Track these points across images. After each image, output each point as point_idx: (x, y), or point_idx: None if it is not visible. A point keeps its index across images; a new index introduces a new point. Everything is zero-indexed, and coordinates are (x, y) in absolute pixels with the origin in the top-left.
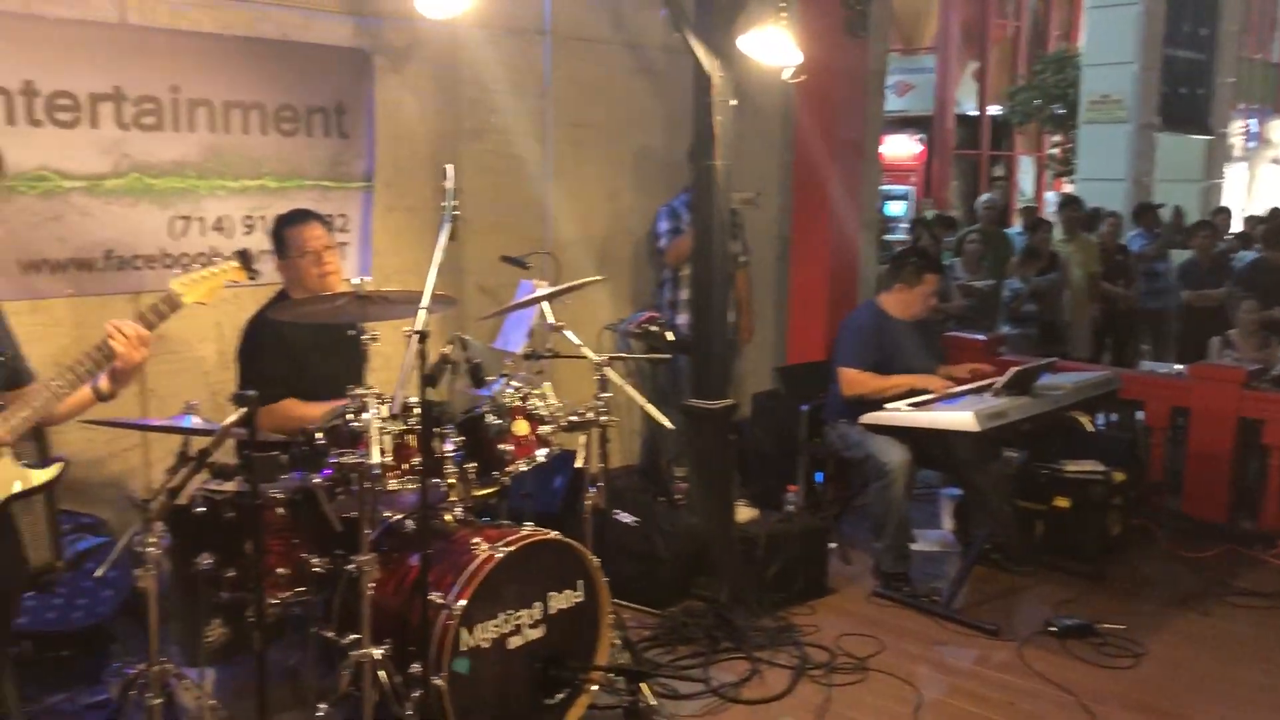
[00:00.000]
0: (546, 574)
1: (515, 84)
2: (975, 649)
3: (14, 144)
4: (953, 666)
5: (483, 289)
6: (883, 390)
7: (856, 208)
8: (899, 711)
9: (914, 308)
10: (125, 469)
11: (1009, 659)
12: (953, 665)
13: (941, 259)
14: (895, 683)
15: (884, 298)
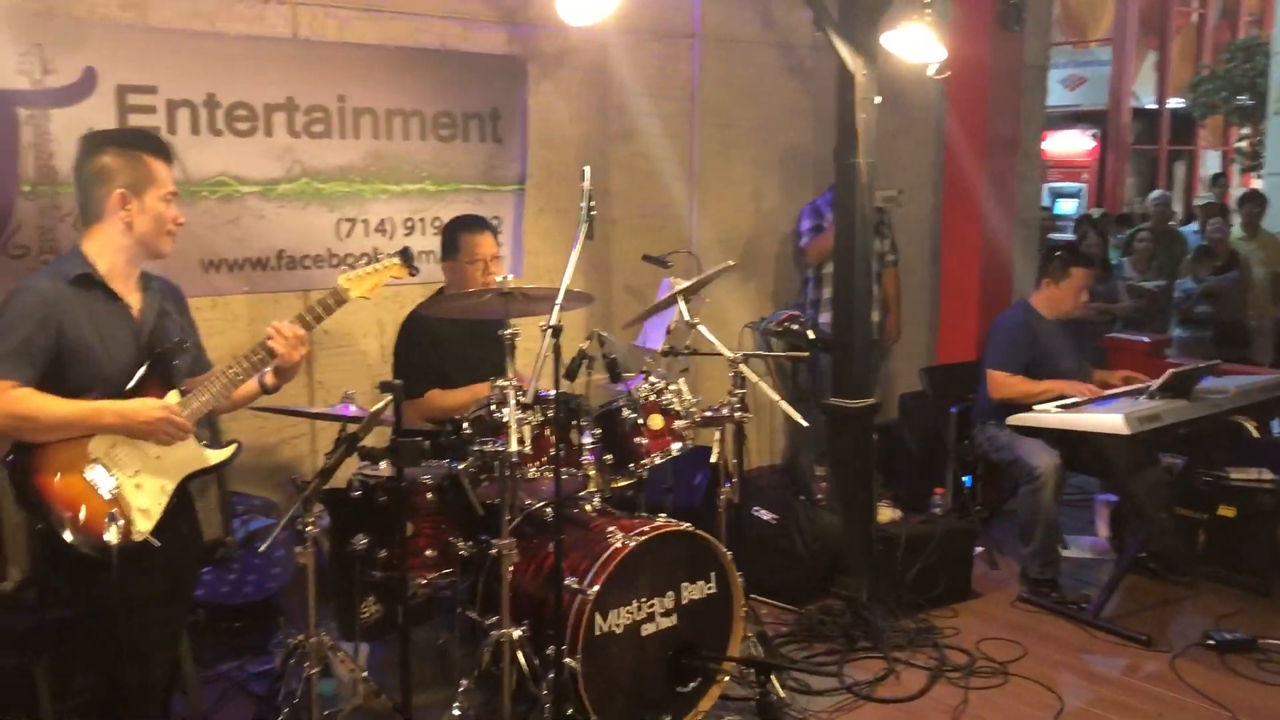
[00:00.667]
0: (679, 565)
1: (663, 87)
2: (1124, 659)
3: (197, 152)
4: (1099, 675)
5: (628, 288)
6: (1032, 395)
7: (1010, 205)
8: (1039, 717)
9: (1064, 305)
10: (294, 455)
11: (1160, 670)
12: (1099, 674)
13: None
14: (1036, 689)
15: (1035, 297)
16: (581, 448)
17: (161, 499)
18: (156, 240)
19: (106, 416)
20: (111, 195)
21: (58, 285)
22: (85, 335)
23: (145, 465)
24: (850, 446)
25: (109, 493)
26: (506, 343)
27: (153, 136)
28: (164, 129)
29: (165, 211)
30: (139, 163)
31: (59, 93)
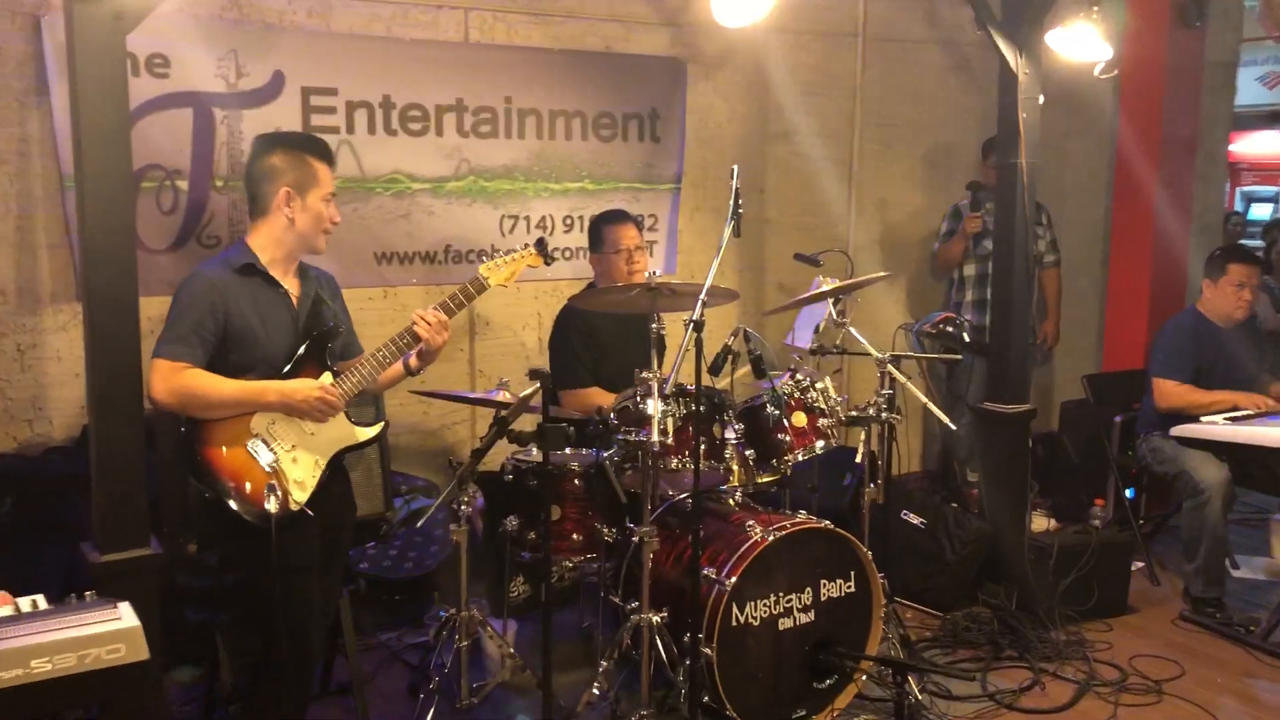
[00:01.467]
0: (818, 562)
1: (823, 86)
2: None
3: (373, 150)
4: (1264, 702)
5: (781, 287)
6: (1200, 405)
7: (1186, 209)
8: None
9: (1225, 306)
10: (455, 439)
11: None
12: (1264, 700)
13: None
14: (1193, 710)
15: (1201, 301)
16: (724, 442)
17: (315, 472)
18: (314, 237)
19: (268, 395)
20: (278, 193)
21: (225, 274)
22: (249, 320)
23: (301, 441)
24: (1003, 452)
25: (268, 465)
26: (653, 336)
27: (318, 141)
28: (343, 129)
29: (324, 211)
30: (304, 164)
31: (250, 95)
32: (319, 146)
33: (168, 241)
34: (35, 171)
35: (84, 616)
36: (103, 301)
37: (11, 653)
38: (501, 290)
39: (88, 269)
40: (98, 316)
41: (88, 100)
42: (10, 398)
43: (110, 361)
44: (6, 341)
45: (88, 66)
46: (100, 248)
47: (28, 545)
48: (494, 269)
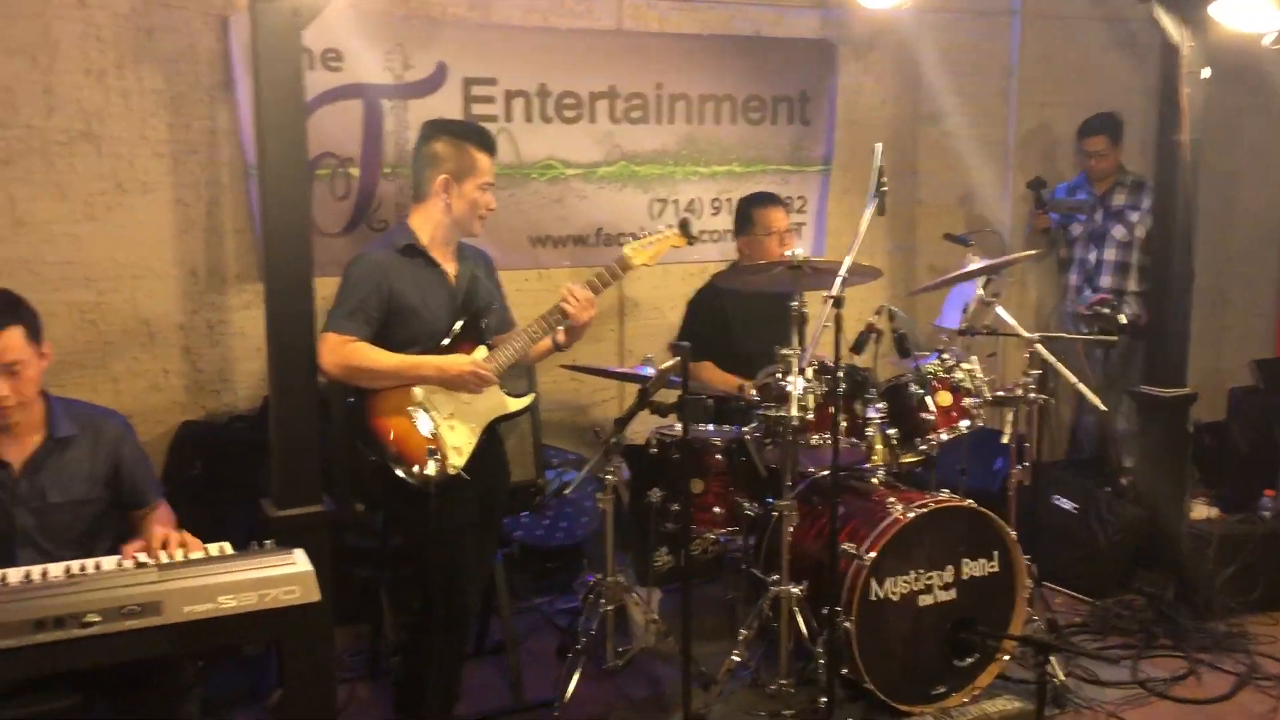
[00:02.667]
0: (960, 540)
1: (978, 66)
2: None
3: (529, 137)
4: None
5: (933, 269)
6: None
7: None
8: None
9: None
10: (603, 415)
11: None
12: None
13: None
14: None
15: None
16: (867, 420)
17: (471, 439)
18: (469, 223)
19: (426, 369)
20: (437, 179)
21: (389, 254)
22: (410, 297)
23: (458, 410)
24: (1161, 437)
25: (428, 432)
26: (794, 314)
27: (481, 130)
28: (501, 117)
29: (480, 198)
30: (464, 153)
31: (415, 86)
32: (482, 136)
33: (340, 225)
34: (223, 160)
35: (264, 561)
36: (281, 281)
37: (202, 589)
38: (649, 272)
39: (268, 251)
40: (276, 296)
41: (268, 92)
42: (201, 370)
43: (287, 337)
44: (198, 318)
45: (268, 61)
46: (279, 231)
47: (216, 504)
48: (638, 250)
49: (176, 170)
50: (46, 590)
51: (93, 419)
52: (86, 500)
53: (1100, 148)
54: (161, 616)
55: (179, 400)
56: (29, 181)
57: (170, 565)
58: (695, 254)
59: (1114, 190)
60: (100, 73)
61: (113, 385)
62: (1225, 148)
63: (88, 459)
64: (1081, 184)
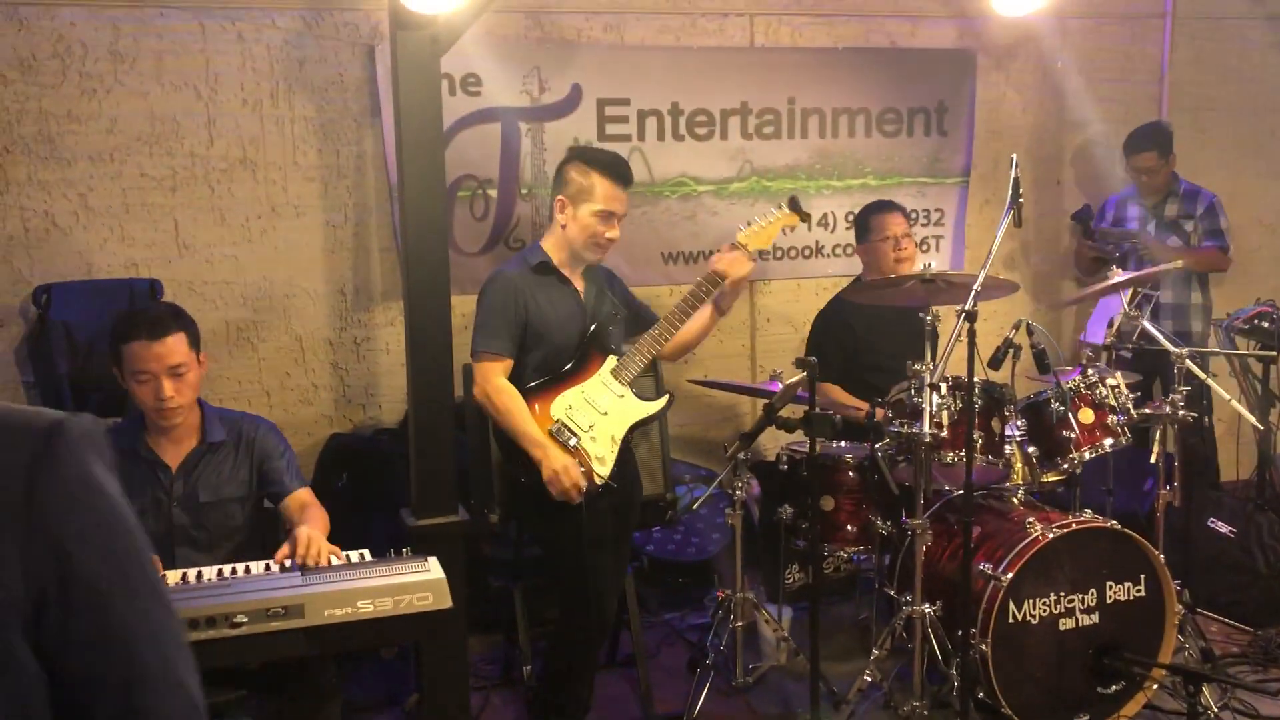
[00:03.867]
0: (1103, 562)
1: (1125, 70)
2: None
3: (661, 156)
4: None
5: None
6: None
7: None
8: None
9: None
10: (736, 430)
11: None
12: None
13: None
14: None
15: None
16: (1005, 438)
17: (614, 448)
18: (583, 248)
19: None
20: (557, 200)
21: (523, 271)
22: (544, 312)
23: (597, 421)
24: None
25: (573, 446)
26: (926, 329)
27: (615, 159)
28: (634, 136)
29: (593, 225)
30: (587, 178)
31: (551, 108)
32: (613, 164)
33: (480, 245)
34: (369, 184)
35: (400, 568)
36: (420, 300)
37: (342, 594)
38: (781, 286)
39: (408, 271)
40: (416, 314)
41: (408, 118)
42: (348, 384)
43: (426, 354)
44: (346, 335)
45: (408, 87)
46: (418, 251)
47: (362, 513)
48: (751, 236)
49: (326, 194)
50: (200, 591)
51: (241, 424)
52: (235, 499)
53: (1150, 164)
54: (304, 619)
55: (327, 413)
56: (193, 206)
57: (313, 570)
58: (829, 268)
59: (1166, 201)
60: (256, 102)
61: (266, 399)
62: None
63: (233, 461)
64: (1132, 194)
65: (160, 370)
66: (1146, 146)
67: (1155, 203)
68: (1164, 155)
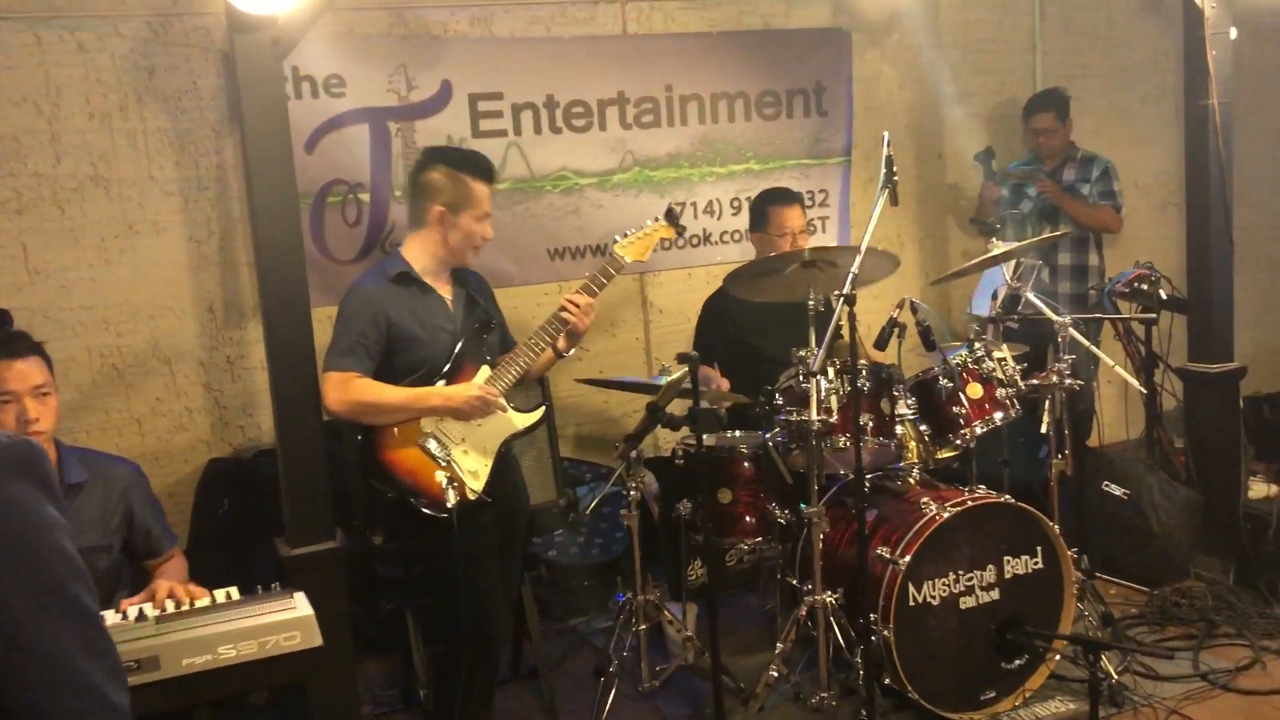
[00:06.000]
0: (1000, 538)
1: (998, 41)
2: None
3: (539, 149)
4: None
5: (967, 254)
6: None
7: None
8: None
9: None
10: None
11: None
12: None
13: None
14: None
15: None
16: (895, 418)
17: (488, 461)
18: (463, 253)
19: (432, 399)
20: (432, 210)
21: (382, 284)
22: (409, 325)
23: (469, 433)
24: (1211, 415)
25: (443, 460)
26: (811, 313)
27: (480, 159)
28: (510, 131)
29: (476, 229)
30: (461, 184)
31: (421, 106)
32: (480, 165)
33: (354, 252)
34: (233, 195)
35: (265, 607)
36: (279, 315)
37: (201, 640)
38: (671, 277)
39: (264, 286)
40: (275, 329)
41: (254, 123)
42: (224, 406)
43: (290, 373)
44: (218, 354)
45: (251, 91)
46: (273, 263)
47: (244, 541)
48: (628, 246)
49: (187, 208)
50: None
51: (103, 465)
52: (98, 548)
53: (1048, 125)
54: (160, 671)
55: (204, 438)
56: (42, 230)
57: (168, 617)
58: (718, 255)
59: (1064, 165)
60: (104, 116)
61: (137, 427)
62: (1268, 107)
63: (99, 506)
64: (1031, 161)
65: (24, 390)
66: (1045, 108)
67: (1054, 167)
68: (1061, 118)
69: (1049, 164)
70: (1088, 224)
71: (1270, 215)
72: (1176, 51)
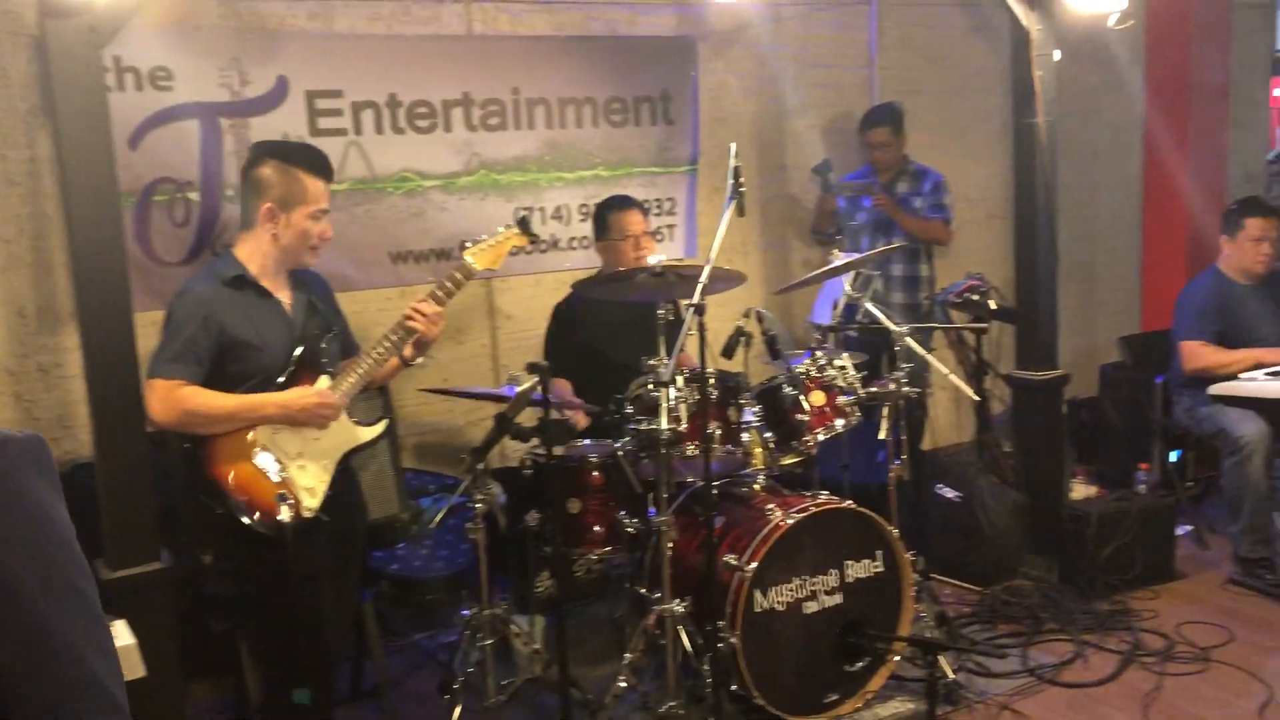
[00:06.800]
0: (843, 542)
1: (838, 56)
2: None
3: (381, 150)
4: None
5: (808, 264)
6: (1225, 366)
7: (1219, 159)
8: (1241, 707)
9: (1244, 261)
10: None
11: None
12: None
13: None
14: (1241, 677)
15: (1220, 259)
16: (742, 425)
17: (325, 477)
18: (299, 254)
19: (268, 408)
20: (261, 207)
21: (215, 287)
22: (243, 331)
23: (306, 447)
24: (1037, 420)
25: (277, 475)
26: (661, 322)
27: (315, 153)
28: (350, 130)
29: (311, 228)
30: (293, 179)
31: (255, 102)
32: (314, 159)
33: (183, 254)
34: (47, 191)
35: None
36: (97, 321)
37: None
38: (520, 283)
39: (81, 290)
40: (93, 336)
41: (70, 117)
42: (37, 417)
43: (109, 380)
44: (29, 362)
45: (66, 82)
46: (92, 265)
47: None
48: (478, 253)
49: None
50: None
51: None
52: None
53: (883, 139)
54: None
55: None
56: None
57: None
58: (567, 261)
59: (898, 179)
60: None
61: None
62: (1084, 127)
63: None
64: (866, 174)
65: None
66: (881, 122)
67: (888, 180)
68: (895, 132)
69: (883, 177)
70: (919, 236)
71: (1082, 228)
72: (1003, 71)
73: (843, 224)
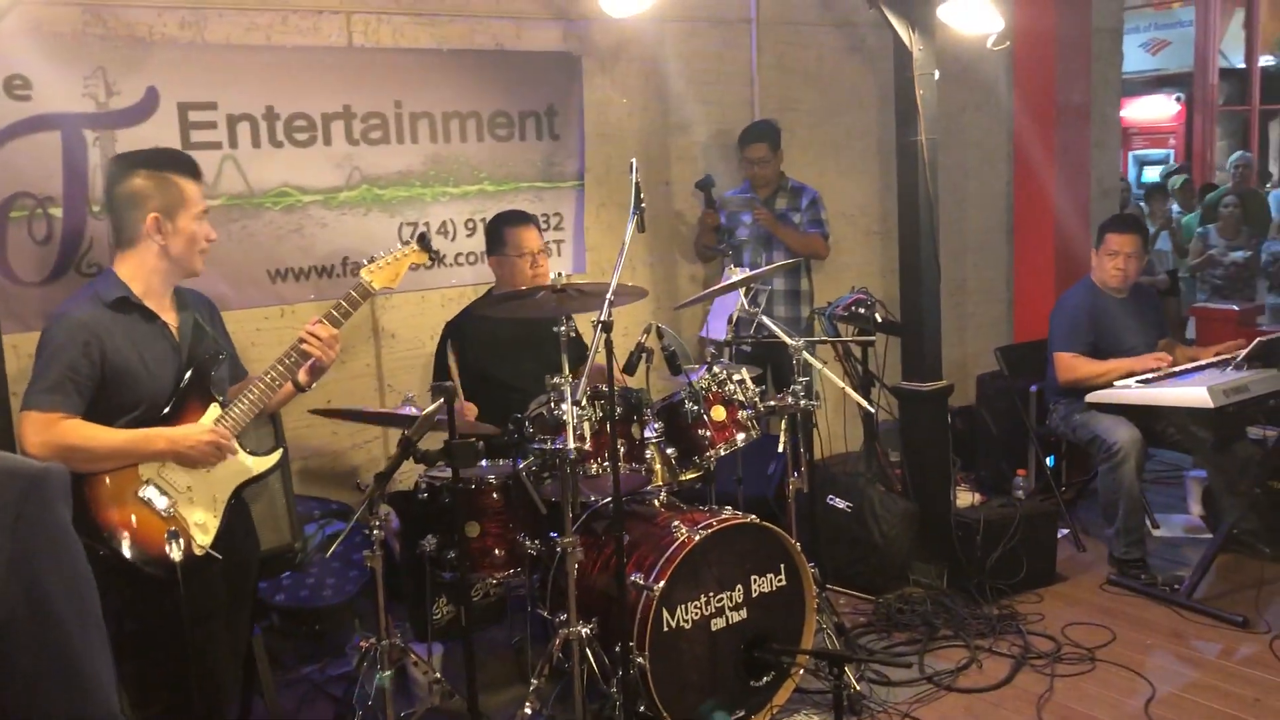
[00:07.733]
0: (746, 557)
1: (720, 74)
2: (1219, 642)
3: (258, 164)
4: (1193, 659)
5: (694, 279)
6: (1098, 376)
7: (1084, 176)
8: (1128, 705)
9: (1104, 273)
10: (368, 459)
11: (1258, 653)
12: (1193, 658)
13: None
14: (1126, 675)
15: (1093, 272)
16: (645, 442)
17: (217, 511)
18: (190, 260)
19: (157, 443)
20: (145, 219)
21: (97, 310)
22: (128, 358)
23: (195, 481)
24: (923, 430)
25: (166, 511)
26: (563, 339)
27: (181, 155)
28: (225, 144)
29: (198, 230)
30: (170, 185)
31: (123, 114)
32: (183, 162)
33: (44, 273)
34: None
35: None
36: None
37: None
38: (405, 300)
39: None
40: None
41: None
42: None
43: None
44: None
45: None
46: None
47: None
48: (376, 272)
49: None
50: None
51: None
52: None
53: (761, 155)
54: None
55: None
56: None
57: None
58: (454, 278)
59: (776, 194)
60: None
61: None
62: (954, 144)
63: None
64: (746, 190)
65: None
66: (758, 138)
67: (767, 196)
68: (773, 149)
69: (762, 193)
70: (799, 250)
71: (954, 242)
72: (877, 91)
73: (727, 241)
